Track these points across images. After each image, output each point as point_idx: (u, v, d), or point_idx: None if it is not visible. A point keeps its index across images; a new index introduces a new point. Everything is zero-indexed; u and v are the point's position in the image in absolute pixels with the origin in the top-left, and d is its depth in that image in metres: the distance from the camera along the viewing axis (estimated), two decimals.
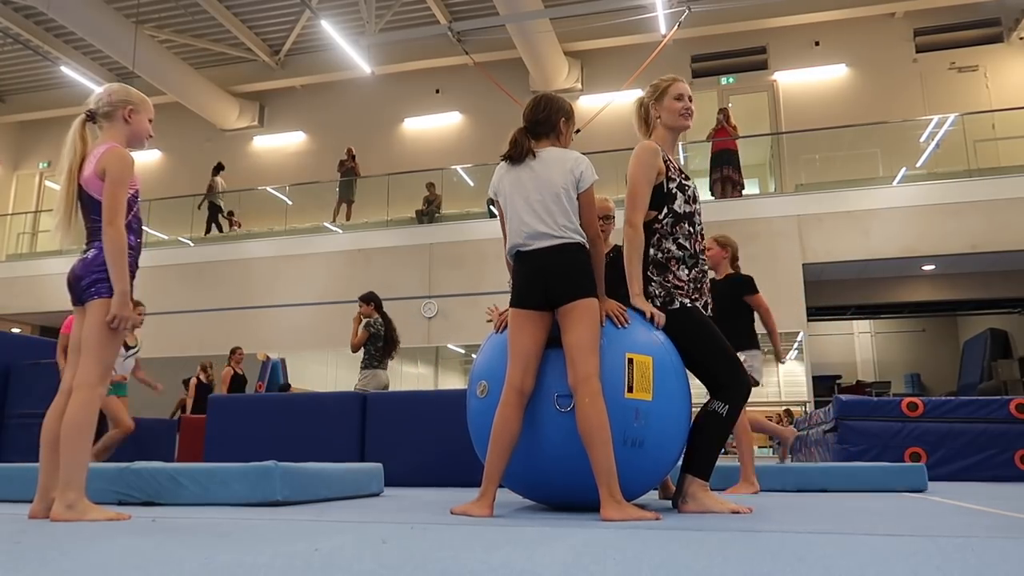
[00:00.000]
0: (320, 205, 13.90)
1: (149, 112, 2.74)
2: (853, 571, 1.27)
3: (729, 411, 2.73)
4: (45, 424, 2.51)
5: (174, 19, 13.87)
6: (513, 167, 2.74)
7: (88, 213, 2.57)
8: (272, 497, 2.99)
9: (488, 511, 2.54)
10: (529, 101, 2.85)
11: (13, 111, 16.54)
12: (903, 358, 15.96)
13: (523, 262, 2.68)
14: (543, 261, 2.63)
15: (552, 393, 2.66)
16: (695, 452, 2.75)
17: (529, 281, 2.66)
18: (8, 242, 15.74)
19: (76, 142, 2.59)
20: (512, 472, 2.80)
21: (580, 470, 2.59)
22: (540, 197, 2.65)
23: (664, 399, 2.66)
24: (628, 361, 2.63)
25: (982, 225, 10.00)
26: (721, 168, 11.37)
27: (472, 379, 2.97)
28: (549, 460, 2.67)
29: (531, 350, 2.64)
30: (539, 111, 2.78)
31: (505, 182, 2.76)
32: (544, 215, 2.63)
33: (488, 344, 2.99)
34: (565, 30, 13.13)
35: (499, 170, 2.80)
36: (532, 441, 2.67)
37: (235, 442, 5.56)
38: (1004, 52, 12.48)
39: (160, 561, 1.43)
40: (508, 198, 2.73)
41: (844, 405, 6.24)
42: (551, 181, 2.66)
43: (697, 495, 2.70)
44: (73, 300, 2.60)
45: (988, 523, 2.26)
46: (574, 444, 2.56)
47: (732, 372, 2.77)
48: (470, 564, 1.37)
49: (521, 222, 2.67)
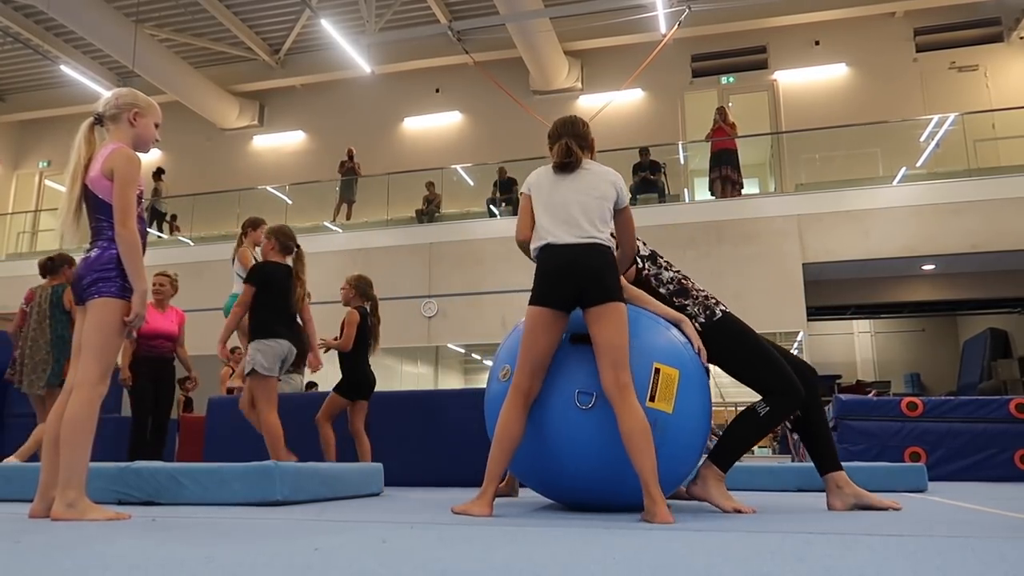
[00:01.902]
0: (320, 205, 13.89)
1: (156, 117, 2.75)
2: (853, 571, 1.27)
3: (769, 414, 2.77)
4: (48, 423, 2.52)
5: (174, 18, 13.87)
6: (558, 173, 2.77)
7: (93, 213, 2.58)
8: (272, 497, 2.99)
9: (488, 510, 2.55)
10: (564, 119, 2.92)
11: (13, 110, 16.53)
12: (903, 358, 15.95)
13: (553, 255, 2.64)
14: (574, 255, 2.61)
15: (571, 390, 2.65)
16: (722, 441, 2.82)
17: (561, 276, 2.61)
18: (8, 241, 15.73)
19: (82, 145, 2.61)
20: (532, 470, 2.80)
21: (601, 467, 2.58)
22: (583, 199, 2.68)
23: (684, 414, 2.64)
24: (655, 370, 2.62)
25: (982, 225, 9.99)
26: (720, 168, 11.38)
27: (496, 361, 2.98)
28: (570, 457, 2.65)
29: (545, 353, 2.64)
30: (580, 127, 2.88)
31: (545, 181, 2.78)
32: (582, 216, 2.66)
33: (517, 331, 2.97)
34: (565, 29, 13.13)
35: (541, 172, 2.82)
36: (552, 439, 2.66)
37: (235, 442, 5.56)
38: (1004, 52, 12.48)
39: (160, 560, 1.43)
40: (548, 196, 2.73)
41: (844, 405, 6.24)
42: (596, 187, 2.72)
43: (708, 480, 2.76)
44: (76, 300, 2.61)
45: (988, 523, 2.26)
46: (595, 442, 2.56)
47: (779, 377, 2.81)
48: (470, 564, 1.37)
49: (557, 218, 2.67)
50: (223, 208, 14.41)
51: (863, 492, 2.78)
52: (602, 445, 2.58)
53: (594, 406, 2.60)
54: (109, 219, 2.54)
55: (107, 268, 2.51)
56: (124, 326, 2.53)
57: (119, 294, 2.51)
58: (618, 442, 2.48)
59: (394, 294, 12.01)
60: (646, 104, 13.84)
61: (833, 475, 2.80)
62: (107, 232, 2.56)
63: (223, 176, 15.23)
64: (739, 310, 3.11)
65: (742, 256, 10.56)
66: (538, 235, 2.70)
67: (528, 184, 2.83)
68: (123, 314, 2.52)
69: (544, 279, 2.65)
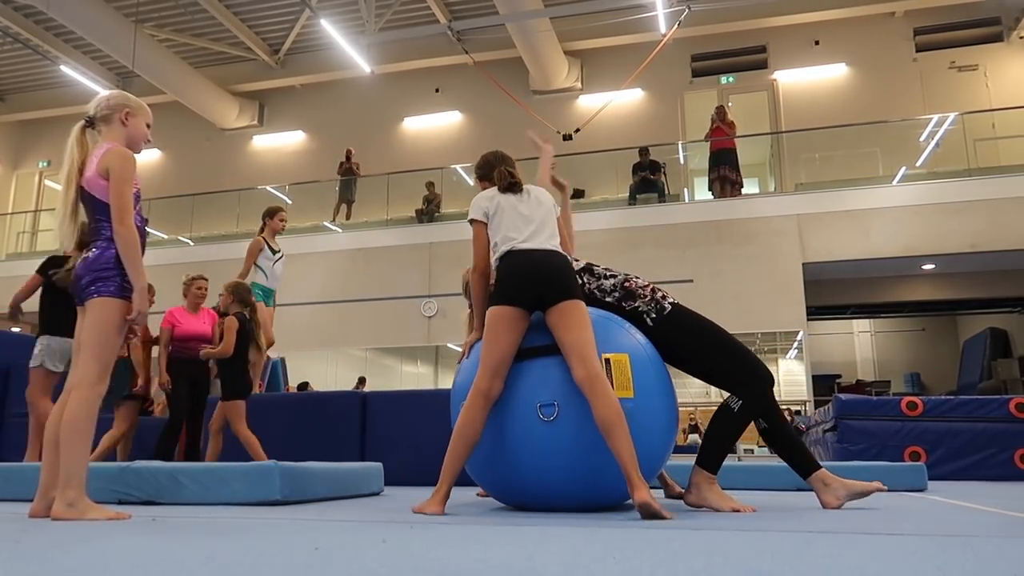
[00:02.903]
0: (320, 204, 13.89)
1: (147, 117, 2.77)
2: (853, 571, 1.27)
3: (743, 407, 2.77)
4: (48, 423, 2.53)
5: (174, 18, 13.87)
6: (508, 195, 2.91)
7: (91, 214, 2.59)
8: (272, 496, 2.99)
9: (440, 508, 2.59)
10: (494, 153, 3.14)
11: (13, 110, 16.53)
12: (903, 357, 15.96)
13: (517, 258, 2.74)
14: (540, 257, 2.74)
15: (533, 403, 2.67)
16: (704, 445, 2.83)
17: (527, 276, 2.70)
18: (8, 241, 15.74)
19: (75, 148, 2.62)
20: (497, 482, 2.81)
21: (567, 479, 2.62)
22: (539, 214, 2.86)
23: (646, 395, 2.68)
24: (605, 361, 2.67)
25: (982, 224, 10.00)
26: (718, 168, 11.38)
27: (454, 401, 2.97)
28: (535, 471, 2.67)
29: (508, 352, 2.68)
30: (510, 159, 3.09)
31: (500, 202, 2.89)
32: (541, 227, 2.83)
33: (465, 368, 2.97)
34: (565, 29, 13.13)
35: (489, 196, 2.93)
36: (516, 452, 2.68)
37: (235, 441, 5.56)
38: (1004, 51, 12.47)
39: (160, 560, 1.43)
40: (505, 214, 2.85)
41: (844, 404, 6.24)
42: (542, 204, 2.92)
43: (700, 487, 2.77)
44: (76, 300, 2.61)
45: (988, 523, 2.26)
46: (560, 454, 2.60)
47: (743, 363, 2.81)
48: (470, 564, 1.37)
49: (521, 230, 2.79)
50: (223, 208, 14.42)
51: (850, 482, 2.79)
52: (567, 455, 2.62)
53: (557, 418, 2.62)
54: (107, 219, 2.55)
55: (106, 268, 2.52)
56: (124, 325, 2.54)
57: (118, 293, 2.52)
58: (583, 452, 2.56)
59: (394, 294, 12.03)
60: (646, 104, 13.84)
61: (817, 475, 2.80)
62: (105, 232, 2.56)
63: (223, 176, 15.22)
64: (739, 310, 3.12)
65: (742, 256, 10.56)
66: (501, 245, 2.80)
67: (481, 210, 2.91)
68: (123, 313, 2.53)
69: (512, 278, 2.73)
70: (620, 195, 12.31)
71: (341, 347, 12.73)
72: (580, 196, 12.33)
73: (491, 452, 2.74)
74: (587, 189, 12.71)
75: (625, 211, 11.67)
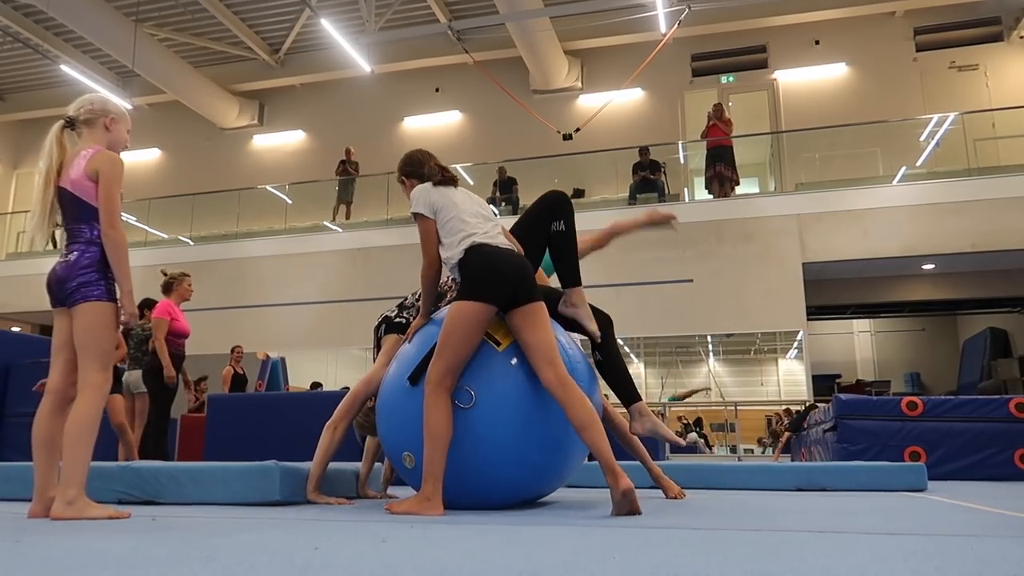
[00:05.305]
0: (320, 204, 13.88)
1: (127, 124, 2.80)
2: (853, 571, 1.27)
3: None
4: (36, 424, 2.54)
5: (174, 18, 13.86)
6: (445, 188, 2.86)
7: (72, 215, 2.58)
8: (272, 497, 2.99)
9: (441, 510, 2.54)
10: (420, 151, 3.11)
11: (13, 110, 16.52)
12: (903, 357, 15.96)
13: (489, 254, 2.66)
14: (513, 255, 2.72)
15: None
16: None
17: (503, 273, 2.62)
18: (8, 241, 15.74)
19: (54, 147, 2.62)
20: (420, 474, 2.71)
21: (483, 470, 2.64)
22: (485, 212, 2.87)
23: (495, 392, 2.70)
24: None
25: (982, 224, 10.00)
26: (715, 165, 11.36)
27: (401, 361, 2.90)
28: (457, 461, 2.62)
29: (471, 353, 2.63)
30: (437, 157, 3.08)
31: (439, 197, 2.82)
32: (495, 225, 2.82)
33: (401, 363, 2.88)
34: (565, 29, 13.12)
35: (427, 190, 2.85)
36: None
37: (235, 441, 5.57)
38: (1004, 51, 12.47)
39: (160, 559, 1.43)
40: (457, 207, 2.79)
41: (844, 404, 6.23)
42: (479, 201, 2.92)
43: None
44: (53, 302, 2.60)
45: (988, 523, 2.26)
46: (474, 443, 2.60)
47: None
48: (470, 564, 1.37)
49: (476, 224, 2.75)
50: (223, 208, 14.42)
51: (660, 423, 3.08)
52: (484, 448, 2.62)
53: (475, 404, 2.62)
54: (89, 221, 2.55)
55: (89, 272, 2.52)
56: (117, 326, 2.56)
57: (106, 297, 2.53)
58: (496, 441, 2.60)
59: (394, 294, 12.00)
60: (646, 103, 13.84)
61: (635, 405, 3.06)
62: (84, 234, 2.56)
63: (223, 175, 15.22)
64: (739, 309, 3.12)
65: (742, 256, 10.56)
66: (461, 238, 2.71)
67: (429, 203, 2.81)
68: (114, 315, 2.55)
69: (490, 274, 2.63)
70: (620, 195, 12.31)
71: (341, 347, 12.73)
72: (580, 196, 12.34)
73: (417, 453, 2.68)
74: (587, 189, 12.71)
75: (625, 211, 11.66)
